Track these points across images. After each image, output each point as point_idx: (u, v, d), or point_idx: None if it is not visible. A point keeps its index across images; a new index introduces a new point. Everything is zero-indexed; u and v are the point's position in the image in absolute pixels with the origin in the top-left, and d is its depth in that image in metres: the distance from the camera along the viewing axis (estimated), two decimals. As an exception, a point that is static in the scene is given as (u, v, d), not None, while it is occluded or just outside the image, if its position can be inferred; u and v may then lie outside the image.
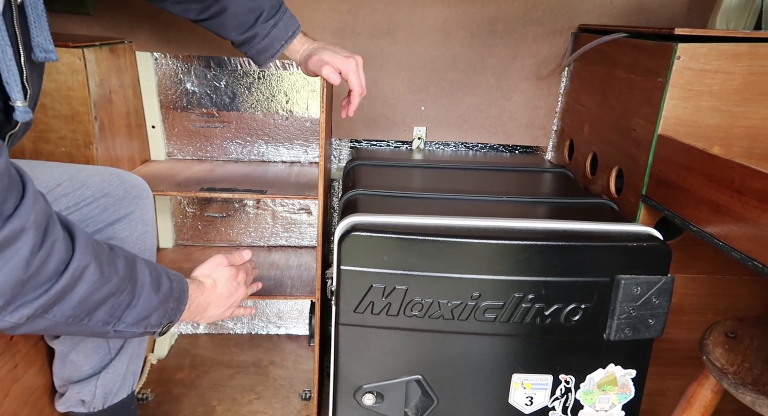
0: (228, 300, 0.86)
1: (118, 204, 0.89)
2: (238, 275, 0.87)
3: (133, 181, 0.93)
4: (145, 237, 0.93)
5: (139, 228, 0.92)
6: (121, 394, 0.93)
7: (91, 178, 0.87)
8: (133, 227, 0.91)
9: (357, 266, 0.77)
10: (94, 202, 0.86)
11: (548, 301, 0.78)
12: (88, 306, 0.61)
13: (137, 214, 0.92)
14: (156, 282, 0.70)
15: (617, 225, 0.82)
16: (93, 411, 0.90)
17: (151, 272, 0.70)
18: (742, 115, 0.85)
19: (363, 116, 1.37)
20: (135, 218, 0.92)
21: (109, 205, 0.88)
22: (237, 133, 1.43)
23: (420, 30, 1.29)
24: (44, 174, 0.83)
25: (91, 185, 0.87)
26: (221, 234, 1.53)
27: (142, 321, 0.69)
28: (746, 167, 0.64)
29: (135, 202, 0.92)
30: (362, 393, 0.83)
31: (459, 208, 0.92)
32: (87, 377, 0.89)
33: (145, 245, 0.93)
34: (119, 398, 0.93)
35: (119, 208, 0.89)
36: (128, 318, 0.67)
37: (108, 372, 0.90)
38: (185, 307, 0.76)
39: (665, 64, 0.84)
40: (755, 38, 0.81)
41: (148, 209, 0.95)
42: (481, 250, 0.76)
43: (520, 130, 1.39)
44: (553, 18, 1.28)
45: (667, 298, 0.78)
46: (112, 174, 0.91)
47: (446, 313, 0.78)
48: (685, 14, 1.29)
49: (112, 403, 0.92)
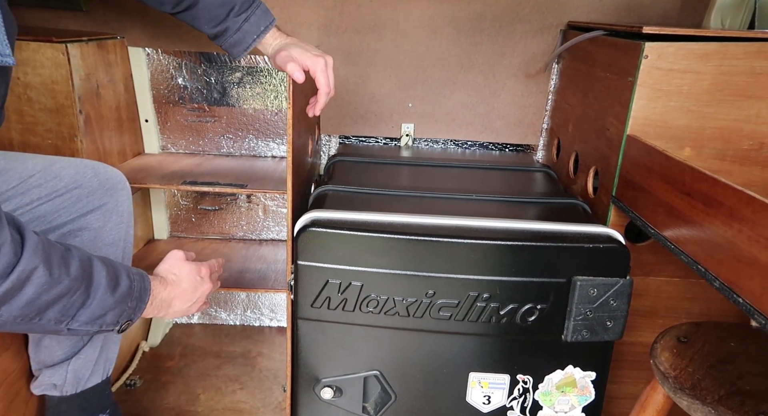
0: (193, 295, 0.86)
1: (92, 195, 0.92)
2: (201, 270, 0.88)
3: (108, 173, 0.96)
4: (119, 227, 0.95)
5: (113, 219, 0.95)
6: (93, 379, 0.96)
7: (64, 170, 0.90)
8: (107, 218, 0.94)
9: (313, 261, 0.78)
10: (67, 193, 0.89)
11: (503, 301, 0.78)
12: (37, 306, 0.63)
13: (111, 205, 0.94)
14: (113, 281, 0.72)
15: (579, 227, 0.82)
16: (65, 395, 0.94)
17: (108, 271, 0.71)
18: (713, 115, 0.83)
19: (351, 112, 1.38)
20: (109, 209, 0.94)
21: (82, 196, 0.91)
22: (228, 127, 1.45)
23: (406, 26, 1.28)
24: (18, 165, 0.86)
25: (64, 177, 0.89)
26: (214, 227, 1.56)
27: (96, 320, 0.71)
28: (695, 169, 0.62)
29: (109, 193, 0.94)
30: (321, 387, 0.84)
31: (428, 206, 0.92)
32: (59, 362, 0.92)
33: (119, 235, 0.96)
34: (92, 383, 0.96)
35: (92, 199, 0.92)
36: (82, 317, 0.69)
37: (79, 358, 0.93)
38: (146, 305, 0.77)
39: (635, 63, 0.82)
40: (725, 38, 0.79)
41: (123, 200, 0.97)
42: (434, 249, 0.76)
43: (509, 128, 1.38)
44: (541, 15, 1.26)
45: (625, 301, 0.77)
46: (86, 166, 0.94)
47: (402, 310, 0.79)
48: (679, 11, 1.26)
49: (84, 388, 0.95)
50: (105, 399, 0.99)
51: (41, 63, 1.03)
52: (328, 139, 1.44)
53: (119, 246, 0.96)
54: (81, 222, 0.91)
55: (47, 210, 0.87)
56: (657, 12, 1.26)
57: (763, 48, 0.78)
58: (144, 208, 1.49)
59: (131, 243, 1.01)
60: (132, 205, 1.01)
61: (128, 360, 1.44)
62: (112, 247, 0.95)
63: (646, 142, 0.78)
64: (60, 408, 0.94)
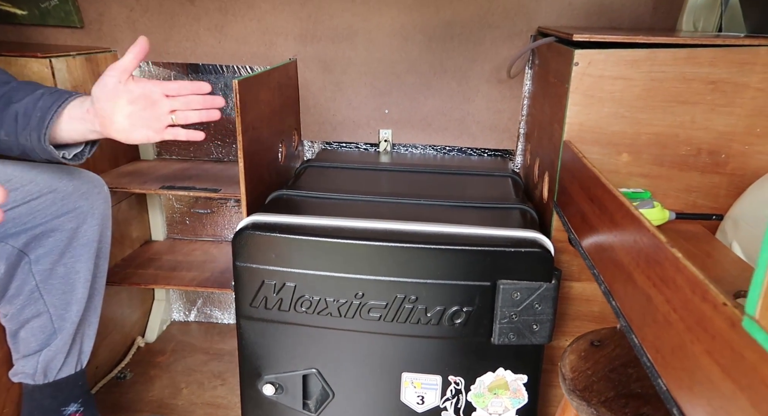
0: (148, 113, 0.84)
1: (66, 199, 0.99)
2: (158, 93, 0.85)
3: (85, 178, 1.03)
4: (93, 229, 1.02)
5: (88, 221, 1.02)
6: (66, 370, 1.03)
7: (41, 175, 0.98)
8: (81, 220, 1.01)
9: (250, 262, 0.82)
10: (42, 196, 0.96)
11: (430, 303, 0.80)
12: None
13: (85, 208, 1.01)
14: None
15: (511, 231, 0.83)
16: (38, 383, 1.01)
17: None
18: (647, 121, 0.83)
19: (329, 119, 1.42)
20: (83, 212, 1.01)
21: (56, 200, 0.98)
22: (215, 134, 1.52)
23: (378, 35, 1.32)
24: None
25: (40, 181, 0.97)
26: (206, 229, 1.63)
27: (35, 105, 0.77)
28: (594, 175, 0.63)
29: (84, 196, 1.01)
30: (263, 383, 0.88)
31: (376, 211, 0.95)
32: (32, 353, 1.00)
33: (93, 236, 1.02)
34: (64, 374, 1.03)
35: (67, 202, 0.99)
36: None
37: (50, 350, 1.00)
38: (77, 96, 0.80)
39: (569, 69, 0.83)
40: (653, 44, 0.79)
41: (99, 204, 1.04)
42: (362, 251, 0.79)
43: (484, 133, 1.40)
44: (510, 21, 1.27)
45: (550, 305, 0.78)
46: (63, 170, 1.01)
47: (333, 311, 0.82)
48: (651, 14, 1.25)
49: (56, 378, 1.02)
50: (77, 389, 1.06)
51: (28, 77, 1.12)
52: (311, 145, 1.49)
53: (93, 247, 1.03)
54: (54, 223, 0.98)
55: (22, 212, 0.95)
56: (628, 15, 1.25)
57: (692, 54, 0.78)
58: (141, 211, 1.58)
59: (107, 244, 1.08)
60: (110, 208, 1.08)
61: (123, 354, 1.52)
62: (86, 248, 1.02)
63: (572, 147, 0.78)
64: (33, 396, 1.02)
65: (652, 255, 0.46)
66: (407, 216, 0.90)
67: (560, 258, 0.92)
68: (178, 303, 1.71)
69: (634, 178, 0.87)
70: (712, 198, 0.86)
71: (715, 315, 0.36)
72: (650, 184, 0.87)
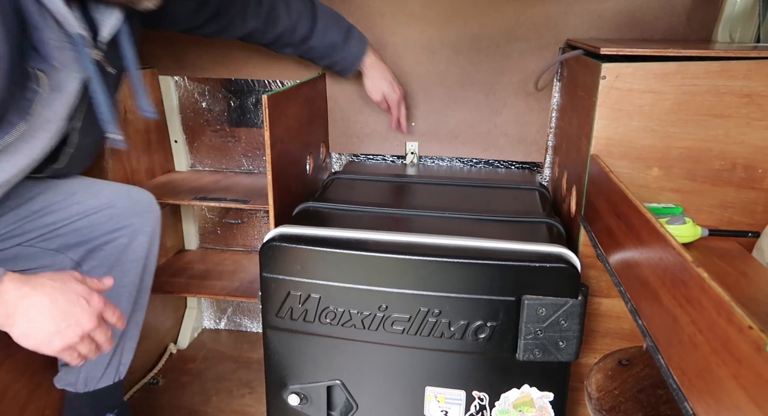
0: (65, 315, 0.67)
1: (122, 215, 1.04)
2: (92, 297, 0.71)
3: (140, 196, 1.08)
4: (143, 246, 1.07)
5: (139, 238, 1.06)
6: (105, 381, 1.07)
7: (102, 191, 1.03)
8: (133, 236, 1.05)
9: (276, 274, 0.84)
10: (101, 211, 1.01)
11: (453, 317, 0.80)
12: None
13: (138, 225, 1.06)
14: None
15: (537, 246, 0.82)
16: (79, 392, 1.05)
17: None
18: (678, 135, 0.81)
19: (357, 131, 1.44)
20: (135, 228, 1.05)
21: (114, 215, 1.03)
22: (247, 147, 1.56)
23: (406, 49, 1.33)
24: (62, 185, 0.99)
25: (101, 196, 1.02)
26: (237, 239, 1.67)
27: None
28: (620, 190, 0.63)
29: (138, 214, 1.06)
30: (288, 393, 0.89)
31: (401, 224, 0.95)
32: None
33: (142, 253, 1.07)
34: (103, 384, 1.06)
35: (122, 218, 1.04)
36: None
37: (91, 361, 1.03)
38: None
39: (597, 83, 0.83)
40: (685, 57, 0.77)
41: (150, 221, 1.08)
42: (386, 264, 0.80)
43: (512, 146, 1.39)
44: (538, 34, 1.27)
45: (576, 321, 0.77)
46: (122, 188, 1.06)
47: (357, 323, 0.83)
48: (685, 25, 1.22)
49: (95, 388, 1.06)
50: (114, 399, 1.10)
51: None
52: (338, 157, 1.51)
53: (140, 263, 1.07)
54: (108, 238, 1.03)
55: (83, 225, 1.00)
56: (661, 27, 1.23)
57: (726, 67, 0.76)
58: (175, 221, 1.63)
59: (154, 261, 1.12)
60: (159, 226, 1.12)
61: (156, 360, 1.57)
62: (134, 263, 1.07)
63: (599, 161, 0.77)
64: (73, 403, 1.06)
65: (678, 274, 0.45)
66: (433, 229, 0.90)
67: (588, 274, 0.90)
68: (209, 311, 1.75)
69: (665, 192, 0.85)
70: (748, 214, 0.83)
71: (741, 338, 0.35)
72: (682, 199, 0.85)
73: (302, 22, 1.12)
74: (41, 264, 0.97)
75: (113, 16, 0.81)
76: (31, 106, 0.74)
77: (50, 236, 0.98)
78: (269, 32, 1.12)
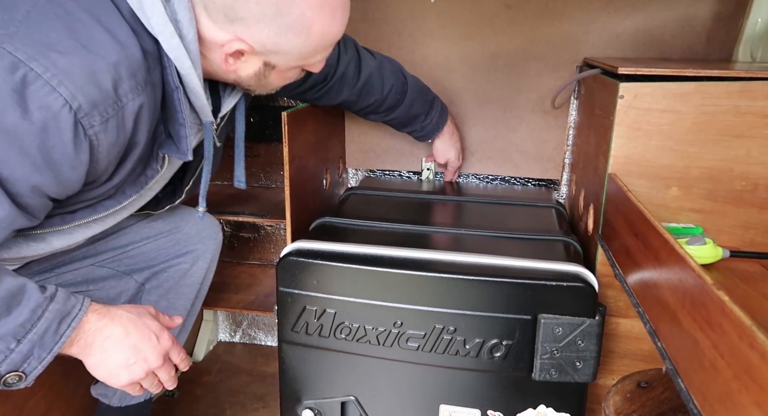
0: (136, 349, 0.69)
1: (187, 240, 1.07)
2: (162, 335, 0.74)
3: (206, 222, 1.10)
4: (201, 271, 1.09)
5: (199, 263, 1.09)
6: (138, 398, 1.07)
7: (171, 214, 1.05)
8: (193, 262, 1.08)
9: (292, 288, 0.85)
10: (169, 235, 1.04)
11: (469, 335, 0.79)
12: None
13: (200, 251, 1.08)
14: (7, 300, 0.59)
15: (552, 264, 0.82)
16: (112, 406, 1.06)
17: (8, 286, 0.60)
18: (698, 155, 0.80)
19: (374, 147, 1.45)
20: (197, 255, 1.08)
21: (180, 240, 1.06)
22: (265, 162, 1.58)
23: (423, 67, 1.35)
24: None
25: (169, 220, 1.05)
26: (253, 253, 1.68)
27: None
28: (638, 209, 0.62)
29: (202, 240, 1.09)
30: (302, 408, 0.89)
31: (416, 240, 0.96)
32: None
33: (199, 279, 1.09)
34: (136, 401, 1.07)
35: (187, 243, 1.06)
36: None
37: None
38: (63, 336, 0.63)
39: (614, 102, 0.83)
40: (705, 77, 0.77)
41: (212, 248, 1.11)
42: (401, 280, 0.80)
43: (528, 163, 1.39)
44: (556, 53, 1.28)
45: (594, 342, 0.76)
46: (189, 212, 1.08)
47: (372, 338, 0.83)
48: (704, 45, 1.22)
49: (129, 404, 1.07)
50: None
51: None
52: (355, 173, 1.52)
53: (196, 288, 1.10)
54: (172, 262, 1.05)
55: (150, 248, 1.03)
56: (680, 46, 1.23)
57: (747, 87, 0.76)
58: (192, 233, 1.65)
59: (207, 286, 1.15)
60: (218, 253, 1.14)
61: (172, 372, 1.57)
62: (190, 288, 1.09)
63: (617, 180, 0.77)
64: (104, 415, 1.07)
65: (698, 296, 0.45)
66: (448, 246, 0.91)
67: (606, 294, 0.89)
68: (224, 323, 1.76)
69: (684, 212, 0.84)
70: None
71: (764, 364, 0.34)
72: (702, 219, 0.84)
73: (392, 95, 1.13)
74: (109, 285, 0.99)
75: (236, 96, 0.84)
76: (148, 182, 0.79)
77: (120, 257, 1.00)
78: (360, 104, 1.14)
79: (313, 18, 0.67)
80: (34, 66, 0.55)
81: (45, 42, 0.56)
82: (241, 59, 0.70)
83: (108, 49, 0.59)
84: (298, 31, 0.67)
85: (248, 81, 0.75)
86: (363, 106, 1.15)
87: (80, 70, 0.57)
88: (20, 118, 0.55)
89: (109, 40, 0.60)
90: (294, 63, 0.73)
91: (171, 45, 0.64)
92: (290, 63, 0.73)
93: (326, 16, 0.68)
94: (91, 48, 0.58)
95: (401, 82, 1.14)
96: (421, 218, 1.07)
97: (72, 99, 0.57)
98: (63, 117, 0.57)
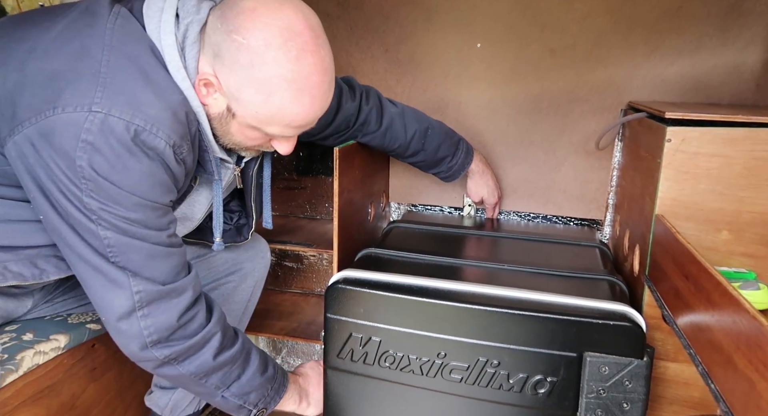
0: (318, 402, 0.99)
1: (237, 259, 1.12)
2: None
3: (255, 241, 1.15)
4: (248, 289, 1.14)
5: (247, 281, 1.14)
6: (188, 410, 1.11)
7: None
8: (241, 280, 1.13)
9: (340, 315, 0.87)
10: (220, 254, 1.09)
11: (512, 369, 0.80)
12: (207, 368, 0.81)
13: (248, 270, 1.14)
14: (263, 365, 0.88)
15: (599, 303, 0.82)
16: None
17: (261, 356, 0.89)
18: (750, 200, 0.80)
19: (416, 183, 1.49)
20: (245, 273, 1.13)
21: (230, 259, 1.11)
22: (312, 194, 1.65)
23: (468, 107, 1.40)
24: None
25: None
26: (296, 282, 1.73)
27: (243, 395, 0.87)
28: (688, 251, 0.63)
29: (250, 259, 1.14)
30: (344, 435, 0.90)
31: (460, 273, 0.98)
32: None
33: (246, 296, 1.14)
34: (186, 413, 1.11)
35: (236, 262, 1.12)
36: (234, 388, 0.86)
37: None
38: (282, 397, 0.94)
39: (662, 145, 0.84)
40: (754, 123, 0.78)
41: (260, 268, 1.16)
42: (446, 312, 0.81)
43: (571, 202, 1.40)
44: (600, 96, 1.30)
45: (642, 383, 0.75)
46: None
47: (416, 368, 0.84)
48: (754, 91, 1.22)
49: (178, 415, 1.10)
50: None
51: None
52: (397, 207, 1.56)
53: (243, 305, 1.15)
54: (222, 280, 1.10)
55: (201, 267, 1.08)
56: (729, 92, 1.23)
57: (798, 133, 0.76)
58: (238, 260, 1.71)
59: (254, 305, 1.19)
60: (266, 273, 1.19)
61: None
62: (238, 305, 1.14)
63: (665, 221, 0.78)
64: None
65: (754, 338, 0.45)
66: (491, 280, 0.92)
67: (653, 336, 0.89)
68: (265, 350, 1.79)
69: (736, 257, 0.84)
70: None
71: (823, 403, 0.35)
72: (755, 264, 0.83)
73: (416, 140, 1.17)
74: None
75: None
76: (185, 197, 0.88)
77: None
78: (386, 148, 1.20)
79: (278, 88, 0.72)
80: (137, 122, 0.69)
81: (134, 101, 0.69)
82: (211, 93, 0.75)
83: (170, 91, 0.72)
84: (259, 90, 0.72)
85: (214, 122, 0.80)
86: (389, 150, 1.21)
87: (165, 114, 0.70)
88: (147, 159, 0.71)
89: (168, 83, 0.73)
90: (251, 121, 0.76)
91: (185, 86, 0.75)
92: (247, 119, 0.76)
93: (290, 94, 0.72)
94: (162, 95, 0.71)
95: (424, 127, 1.18)
96: (463, 252, 1.09)
97: (168, 139, 0.71)
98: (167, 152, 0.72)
